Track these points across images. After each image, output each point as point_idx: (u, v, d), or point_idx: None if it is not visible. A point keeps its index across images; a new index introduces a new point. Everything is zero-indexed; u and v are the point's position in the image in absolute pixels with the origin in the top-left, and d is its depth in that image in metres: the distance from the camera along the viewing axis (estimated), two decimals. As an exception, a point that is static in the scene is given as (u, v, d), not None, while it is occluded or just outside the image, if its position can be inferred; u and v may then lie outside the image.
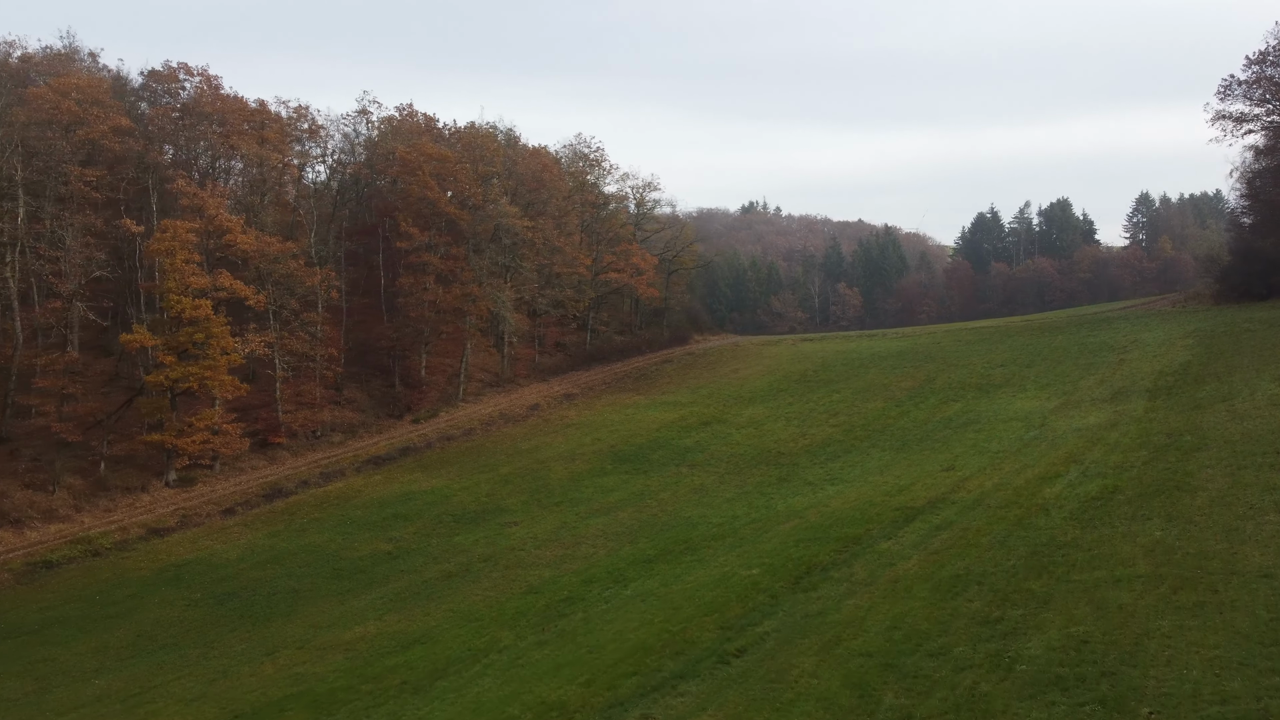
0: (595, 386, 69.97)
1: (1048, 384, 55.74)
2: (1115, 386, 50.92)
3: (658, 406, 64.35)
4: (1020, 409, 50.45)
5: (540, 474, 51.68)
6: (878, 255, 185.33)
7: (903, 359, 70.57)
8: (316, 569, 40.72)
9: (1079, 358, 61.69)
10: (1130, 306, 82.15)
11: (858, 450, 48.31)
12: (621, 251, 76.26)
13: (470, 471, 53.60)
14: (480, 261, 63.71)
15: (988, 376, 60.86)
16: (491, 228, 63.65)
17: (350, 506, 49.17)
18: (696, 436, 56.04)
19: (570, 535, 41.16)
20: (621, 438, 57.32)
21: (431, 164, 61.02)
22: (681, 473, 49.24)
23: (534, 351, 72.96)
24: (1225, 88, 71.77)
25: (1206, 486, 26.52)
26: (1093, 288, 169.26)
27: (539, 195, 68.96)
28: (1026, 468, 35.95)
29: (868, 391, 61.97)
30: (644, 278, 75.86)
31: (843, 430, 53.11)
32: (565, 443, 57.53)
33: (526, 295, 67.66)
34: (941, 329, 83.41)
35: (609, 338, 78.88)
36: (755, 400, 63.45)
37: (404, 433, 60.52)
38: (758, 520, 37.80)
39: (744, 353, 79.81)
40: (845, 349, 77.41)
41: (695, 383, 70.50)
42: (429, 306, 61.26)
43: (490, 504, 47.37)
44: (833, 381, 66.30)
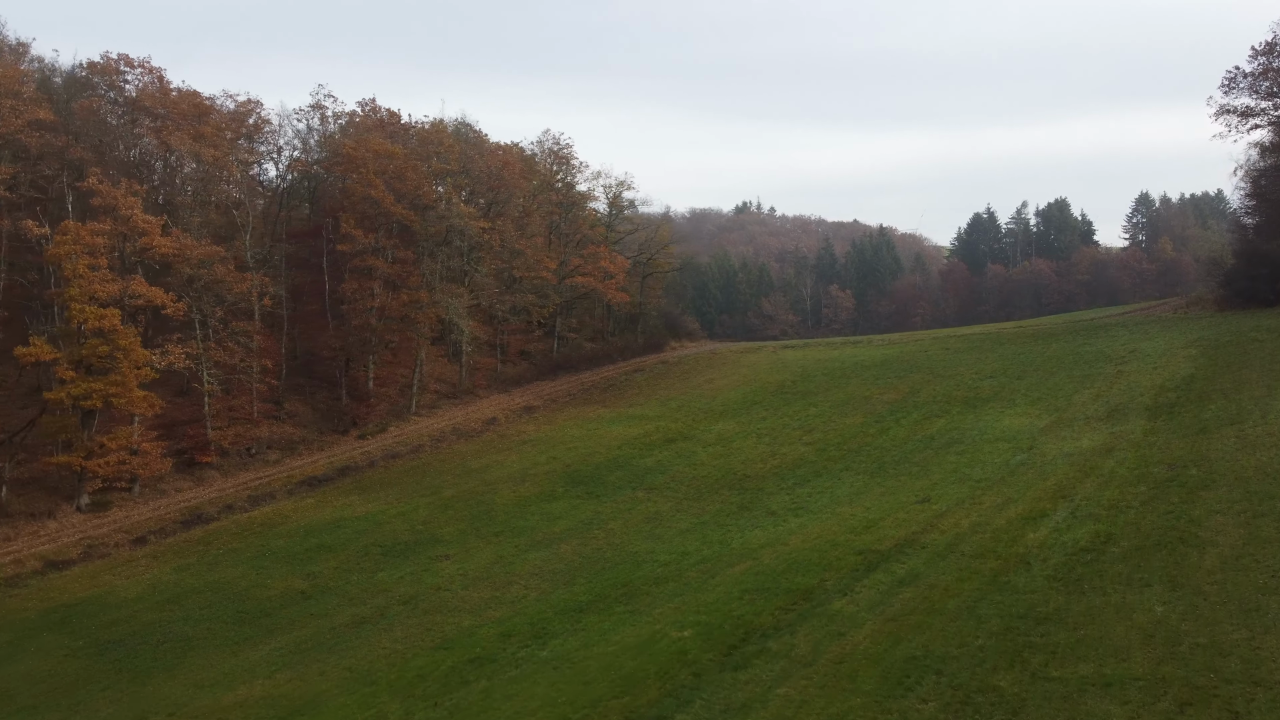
0: (559, 398, 65.72)
1: (1039, 398, 51.49)
2: (1111, 403, 46.68)
3: (622, 420, 60.09)
4: (1008, 427, 46.22)
5: (485, 498, 47.43)
6: (871, 256, 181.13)
7: (887, 369, 66.33)
8: (219, 611, 36.47)
9: (1073, 369, 57.46)
10: (1129, 312, 77.95)
11: (829, 473, 44.08)
12: (589, 254, 71.88)
13: (411, 494, 49.35)
14: (432, 265, 59.45)
15: (975, 389, 56.62)
16: (444, 229, 59.37)
17: (273, 535, 44.91)
18: (659, 455, 51.80)
19: (504, 573, 36.95)
20: (579, 456, 53.08)
21: (378, 161, 56.78)
22: (637, 498, 45.01)
23: (495, 361, 68.68)
24: (1230, 80, 67.61)
25: (1217, 540, 22.31)
26: (1091, 290, 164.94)
27: (500, 195, 64.60)
28: (1009, 503, 31.73)
29: (847, 405, 57.74)
30: (613, 282, 71.49)
31: (816, 449, 48.86)
32: (518, 461, 53.28)
33: (484, 301, 63.32)
34: (930, 335, 79.22)
35: (578, 345, 74.60)
36: (727, 414, 59.19)
37: (347, 450, 56.27)
38: (708, 560, 33.60)
39: (721, 361, 75.56)
40: (827, 357, 73.17)
41: (666, 394, 66.25)
42: (374, 314, 57.01)
43: (425, 533, 43.12)
44: (811, 393, 62.05)
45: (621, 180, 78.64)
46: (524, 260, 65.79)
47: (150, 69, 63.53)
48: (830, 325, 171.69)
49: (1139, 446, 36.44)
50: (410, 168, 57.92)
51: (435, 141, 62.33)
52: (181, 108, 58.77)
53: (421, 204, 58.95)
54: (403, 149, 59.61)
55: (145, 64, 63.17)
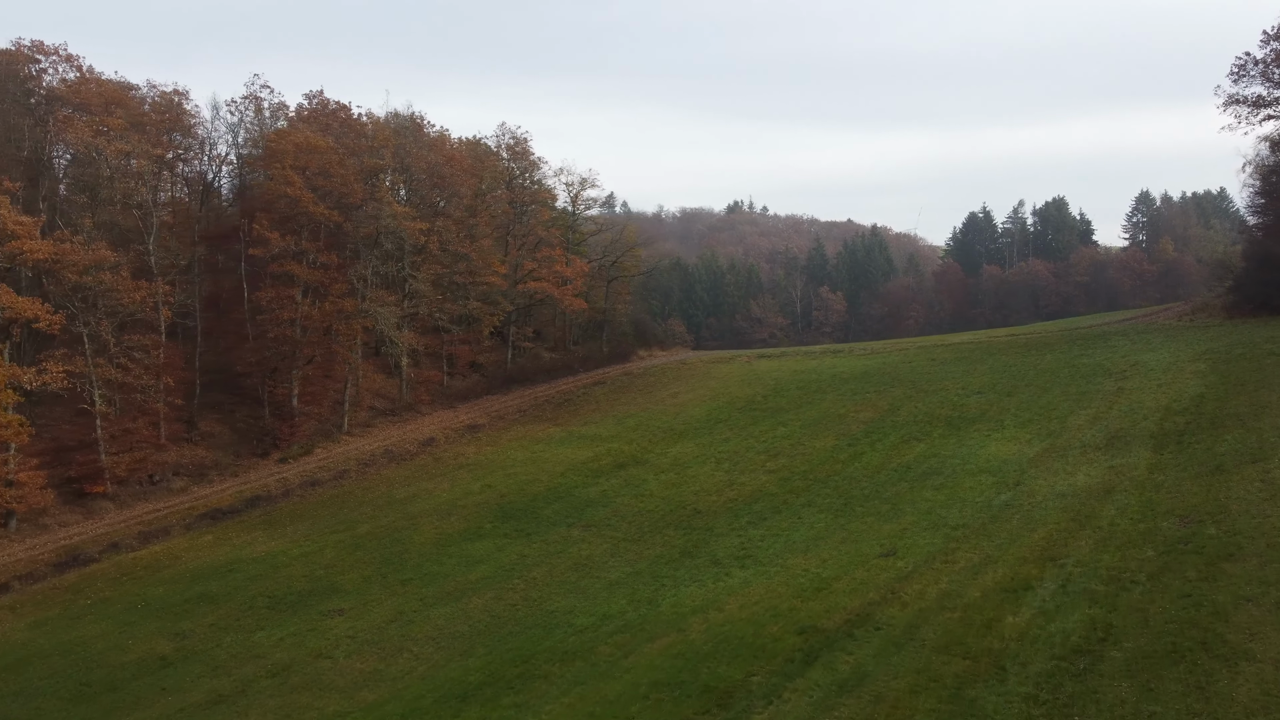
0: (507, 415, 60.22)
1: (1030, 420, 46.03)
2: (1111, 427, 41.20)
3: (573, 441, 54.61)
4: (994, 455, 40.77)
5: (403, 535, 41.95)
6: (863, 257, 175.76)
7: (866, 382, 60.86)
8: (60, 683, 30.98)
9: (1069, 384, 51.99)
10: (1129, 319, 72.50)
11: (789, 509, 38.60)
12: (543, 257, 66.26)
13: (322, 530, 43.86)
14: (360, 271, 53.96)
15: (961, 407, 51.15)
16: (374, 231, 53.92)
17: (155, 581, 39.43)
18: (605, 484, 46.31)
19: (399, 634, 31.49)
20: (517, 484, 47.60)
21: (299, 155, 51.30)
22: (572, 537, 39.52)
23: (441, 374, 63.18)
24: (1239, 68, 62.13)
25: (1251, 649, 16.86)
26: (1090, 292, 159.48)
27: (443, 193, 59.06)
28: (988, 564, 26.26)
29: (819, 424, 52.27)
30: (570, 288, 65.88)
31: (778, 479, 43.38)
32: (449, 490, 47.80)
33: (423, 310, 57.84)
34: (915, 344, 73.76)
35: (536, 356, 69.14)
36: (687, 434, 53.70)
37: (263, 476, 50.77)
38: (630, 627, 28.13)
39: (689, 373, 70.05)
40: (803, 369, 67.67)
41: (625, 410, 60.75)
42: (294, 325, 51.52)
43: (324, 581, 37.62)
44: (782, 410, 56.56)
45: (584, 178, 73.24)
46: (468, 264, 60.22)
47: (68, 57, 58.29)
48: (821, 328, 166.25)
49: (1143, 487, 30.98)
50: (335, 163, 52.40)
51: (366, 134, 56.77)
52: (89, 98, 53.31)
53: (348, 203, 53.46)
54: (332, 143, 54.14)
55: (60, 51, 57.95)
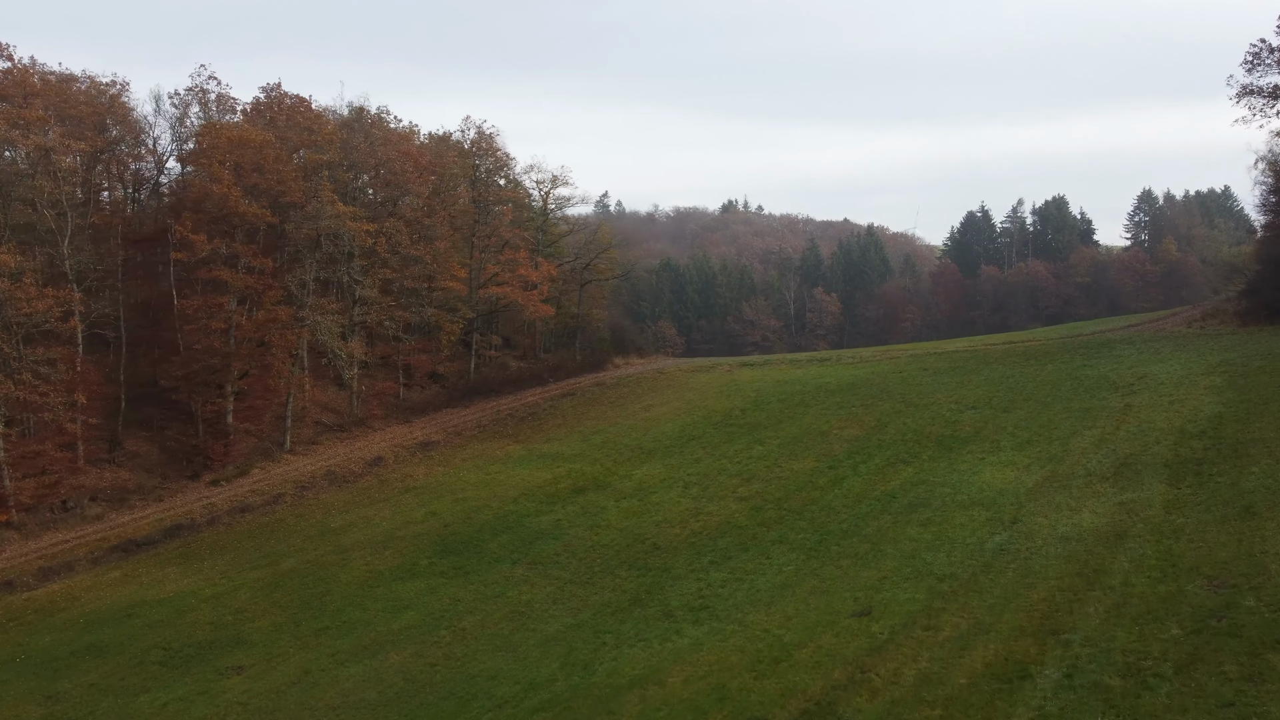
0: (466, 430, 55.84)
1: (1029, 440, 41.74)
2: (1120, 452, 36.90)
3: (532, 461, 50.28)
4: (988, 484, 36.46)
5: (329, 573, 37.63)
6: (858, 258, 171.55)
7: (853, 394, 56.56)
8: (-101, 761, 26.68)
9: (1071, 399, 47.71)
10: (1135, 326, 68.16)
11: (757, 547, 34.28)
12: (507, 260, 61.76)
13: (242, 565, 39.53)
14: (300, 276, 49.60)
15: (954, 424, 46.87)
16: (314, 233, 49.56)
17: (45, 627, 35.12)
18: (560, 512, 41.99)
19: (297, 700, 27.18)
20: (465, 511, 43.28)
21: (231, 150, 46.95)
22: (514, 577, 35.21)
23: (397, 386, 58.84)
24: (1254, 56, 57.78)
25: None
26: (1090, 293, 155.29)
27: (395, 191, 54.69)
28: (978, 633, 21.95)
29: (799, 442, 47.97)
30: (536, 293, 61.45)
31: (750, 508, 39.05)
32: (390, 518, 43.48)
33: (370, 318, 53.44)
34: (907, 352, 69.45)
35: (503, 365, 64.78)
36: (656, 453, 49.39)
37: (191, 501, 46.44)
38: (555, 703, 23.86)
39: (666, 382, 65.71)
40: (787, 379, 63.35)
41: (592, 425, 56.42)
42: (221, 336, 47.17)
43: (231, 629, 33.30)
44: (760, 426, 52.25)
45: (556, 175, 68.87)
46: (422, 268, 55.85)
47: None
48: (815, 330, 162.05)
49: (1160, 533, 26.65)
50: (271, 159, 48.04)
51: (310, 129, 52.37)
52: (7, 90, 48.98)
53: (285, 202, 49.11)
54: (272, 137, 49.79)
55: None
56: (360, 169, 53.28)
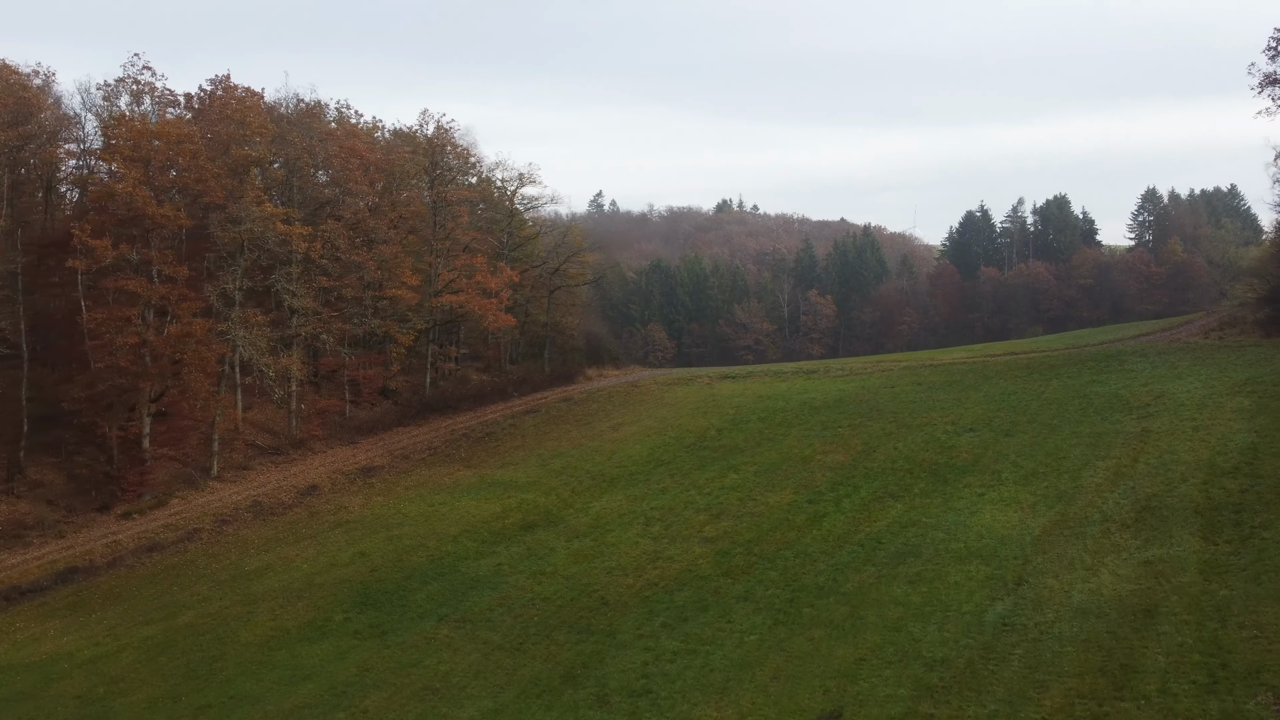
0: (414, 453, 50.88)
1: (1034, 472, 36.85)
2: (1140, 492, 32.00)
3: (482, 490, 45.35)
4: (988, 528, 31.58)
5: (229, 630, 32.70)
6: (854, 259, 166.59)
7: (840, 412, 51.66)
8: None
9: (1080, 421, 42.82)
10: (1147, 336, 63.23)
11: (719, 605, 29.38)
12: (463, 266, 56.69)
13: (135, 619, 34.62)
14: (223, 285, 44.57)
15: (949, 449, 41.98)
16: (238, 237, 44.51)
17: (-113, 700, 30.13)
18: (504, 554, 37.05)
19: (146, 814, 22.23)
20: (397, 552, 38.35)
21: (142, 146, 42.03)
22: (437, 639, 30.28)
23: (343, 403, 53.89)
24: (1277, 43, 52.90)
25: None
26: (1093, 295, 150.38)
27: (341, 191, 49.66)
28: (975, 762, 17.02)
29: (778, 470, 43.07)
30: (494, 301, 56.39)
31: (716, 553, 34.14)
32: (313, 560, 38.54)
33: (305, 330, 48.41)
34: (900, 364, 64.51)
35: (463, 379, 59.86)
36: (619, 482, 44.47)
37: (95, 537, 41.48)
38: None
39: (640, 397, 60.77)
40: (769, 394, 58.42)
41: (554, 447, 51.48)
42: (134, 352, 42.18)
43: (99, 706, 28.37)
44: (737, 450, 47.35)
45: (523, 173, 63.93)
46: (363, 275, 50.85)
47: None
48: (809, 334, 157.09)
49: (1201, 611, 21.76)
50: (188, 155, 43.08)
51: (241, 121, 47.28)
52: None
53: (204, 203, 44.09)
54: (194, 131, 44.86)
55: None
56: (297, 167, 48.14)
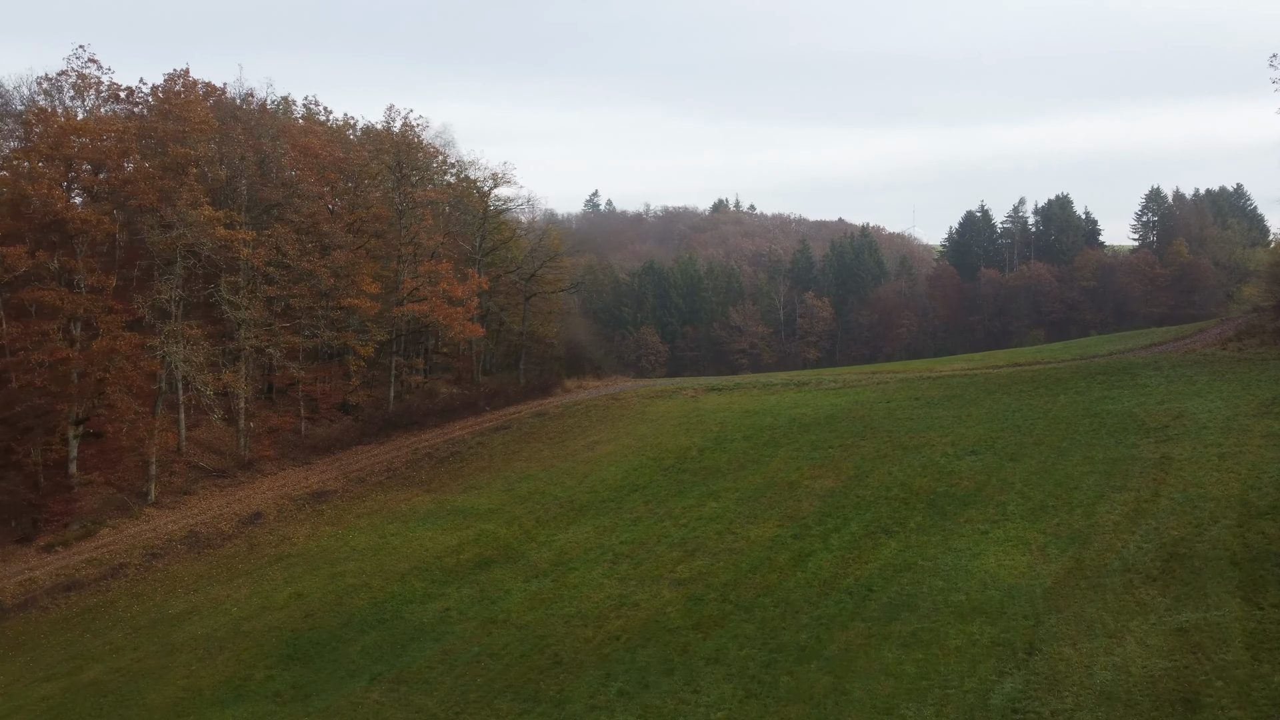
0: (372, 475, 47.17)
1: (1044, 506, 33.17)
2: (1165, 534, 28.32)
3: (440, 519, 41.66)
4: (994, 575, 27.92)
5: (136, 689, 29.00)
6: (852, 260, 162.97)
7: (832, 430, 48.01)
8: None
9: (1092, 444, 39.14)
10: (1159, 346, 59.51)
11: (684, 668, 25.69)
12: (427, 273, 52.78)
13: (35, 674, 30.90)
14: (156, 296, 40.80)
15: (949, 475, 38.31)
16: (172, 244, 40.73)
17: None
18: (454, 597, 33.35)
19: None
20: (336, 594, 34.64)
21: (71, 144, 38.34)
22: (366, 704, 26.57)
23: (298, 419, 50.14)
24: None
25: None
26: (1096, 298, 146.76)
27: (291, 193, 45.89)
28: None
29: (762, 497, 39.39)
30: (461, 310, 52.45)
31: (687, 598, 30.47)
32: (243, 602, 34.84)
33: (252, 343, 44.58)
34: (898, 376, 60.77)
35: (431, 392, 56.15)
36: (589, 510, 40.78)
37: (9, 574, 37.65)
38: None
39: (619, 412, 57.05)
40: (757, 408, 54.74)
41: (522, 468, 47.78)
42: (53, 370, 38.48)
43: (-32, 787, 24.66)
44: (718, 473, 43.67)
45: (497, 173, 60.15)
46: (315, 285, 47.02)
47: None
48: (805, 337, 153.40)
49: (1249, 699, 18.07)
50: (116, 154, 39.36)
51: (181, 117, 43.47)
52: None
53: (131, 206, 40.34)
54: (128, 127, 41.15)
55: None
56: (241, 167, 44.21)
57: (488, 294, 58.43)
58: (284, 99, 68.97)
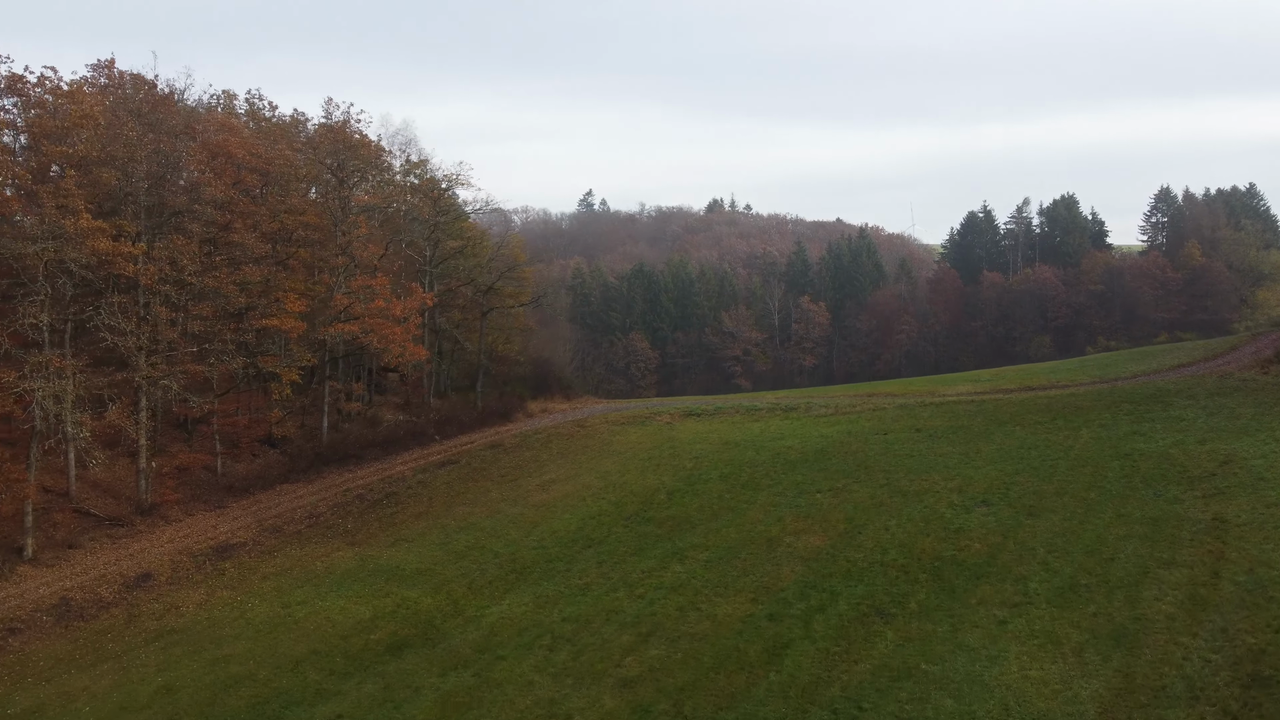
0: (291, 523, 40.98)
1: (1073, 584, 27.09)
2: (1236, 641, 22.19)
3: (359, 582, 35.50)
4: (1017, 694, 21.85)
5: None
6: (849, 262, 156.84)
7: (821, 469, 41.90)
8: None
9: (1125, 496, 33.05)
10: (1188, 367, 53.18)
11: (617, 829, 19.53)
12: (360, 289, 46.26)
13: None
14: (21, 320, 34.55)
15: (957, 534, 32.25)
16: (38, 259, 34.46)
17: None
18: (350, 697, 27.19)
19: None
20: (212, 688, 28.48)
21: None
22: None
23: (212, 457, 43.88)
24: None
25: None
26: (1104, 302, 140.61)
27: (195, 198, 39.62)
28: None
29: (735, 558, 33.31)
30: (401, 330, 46.02)
31: (632, 710, 24.36)
32: (97, 701, 28.68)
33: (144, 373, 38.26)
34: (896, 400, 54.54)
35: (373, 419, 50.04)
36: (532, 572, 34.63)
37: None
38: None
39: (584, 441, 50.88)
40: (739, 439, 48.62)
41: (465, 514, 41.61)
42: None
43: None
44: (688, 524, 37.55)
45: (451, 175, 53.89)
46: (223, 303, 40.72)
47: None
48: (801, 344, 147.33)
49: None
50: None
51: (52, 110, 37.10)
52: None
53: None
54: None
55: None
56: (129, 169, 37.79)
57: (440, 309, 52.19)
58: (225, 93, 62.91)
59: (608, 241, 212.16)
